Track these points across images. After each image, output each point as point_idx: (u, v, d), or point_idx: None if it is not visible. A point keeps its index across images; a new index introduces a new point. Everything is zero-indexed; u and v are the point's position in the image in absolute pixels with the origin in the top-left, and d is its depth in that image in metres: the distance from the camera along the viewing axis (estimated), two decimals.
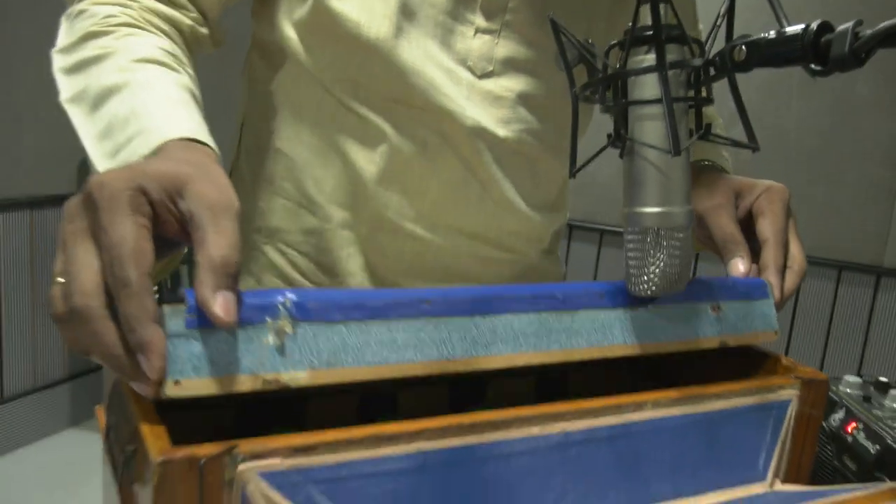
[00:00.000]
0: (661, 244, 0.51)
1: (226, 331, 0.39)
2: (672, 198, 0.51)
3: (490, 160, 0.75)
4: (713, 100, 0.51)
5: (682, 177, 0.51)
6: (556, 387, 0.66)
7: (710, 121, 0.84)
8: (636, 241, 0.52)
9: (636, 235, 0.52)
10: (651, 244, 0.51)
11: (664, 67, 0.48)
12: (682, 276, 0.52)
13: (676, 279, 0.52)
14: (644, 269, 0.51)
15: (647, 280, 0.52)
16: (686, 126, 0.51)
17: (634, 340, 0.52)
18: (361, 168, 0.74)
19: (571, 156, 0.54)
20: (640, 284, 0.52)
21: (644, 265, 0.51)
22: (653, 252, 0.51)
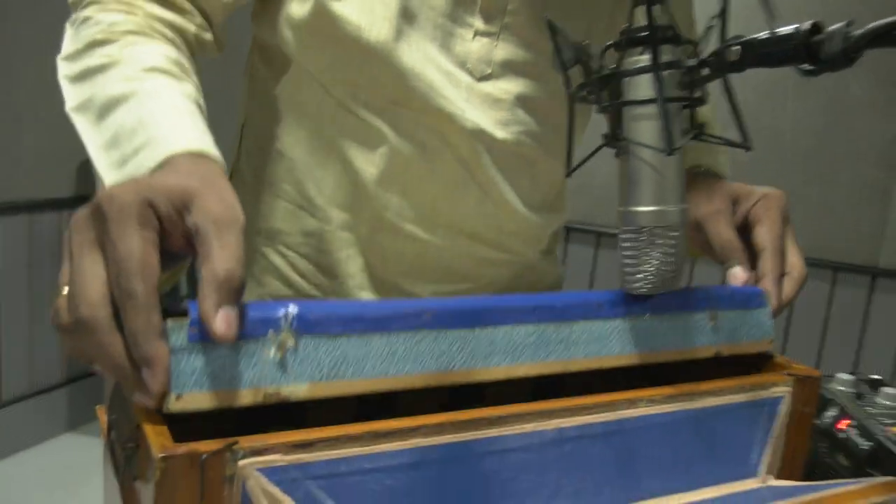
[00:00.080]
0: (656, 242, 0.51)
1: (228, 344, 0.39)
2: (666, 197, 0.51)
3: (489, 162, 0.75)
4: (707, 100, 0.52)
5: (677, 176, 0.52)
6: (553, 388, 0.67)
7: (707, 122, 0.84)
8: (631, 240, 0.52)
9: (631, 234, 0.52)
10: (646, 242, 0.52)
11: (658, 68, 0.49)
12: (677, 275, 0.53)
13: (671, 277, 0.52)
14: (639, 268, 0.52)
15: (642, 278, 0.52)
16: (680, 126, 0.52)
17: (631, 350, 0.52)
18: (361, 169, 0.74)
19: (567, 156, 0.55)
20: (635, 283, 0.53)
21: (639, 263, 0.52)
22: (647, 250, 0.52)
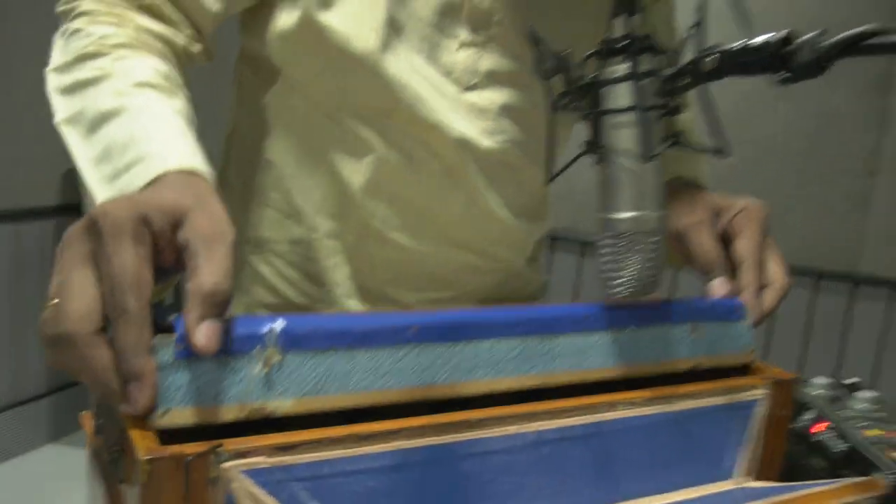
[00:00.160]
0: (636, 248, 0.52)
1: (214, 360, 0.39)
2: (645, 203, 0.52)
3: (475, 170, 0.76)
4: (685, 108, 0.53)
5: (655, 182, 0.53)
6: (535, 395, 0.67)
7: (686, 130, 0.85)
8: (611, 245, 0.53)
9: (611, 239, 0.53)
10: (626, 248, 0.53)
11: (637, 77, 0.50)
12: (656, 279, 0.53)
13: (650, 282, 0.53)
14: (619, 273, 0.53)
15: (623, 283, 0.53)
16: (658, 133, 0.53)
17: (613, 363, 0.53)
18: (348, 178, 0.75)
19: (547, 163, 0.56)
20: (616, 287, 0.53)
21: (619, 269, 0.53)
22: (628, 255, 0.53)
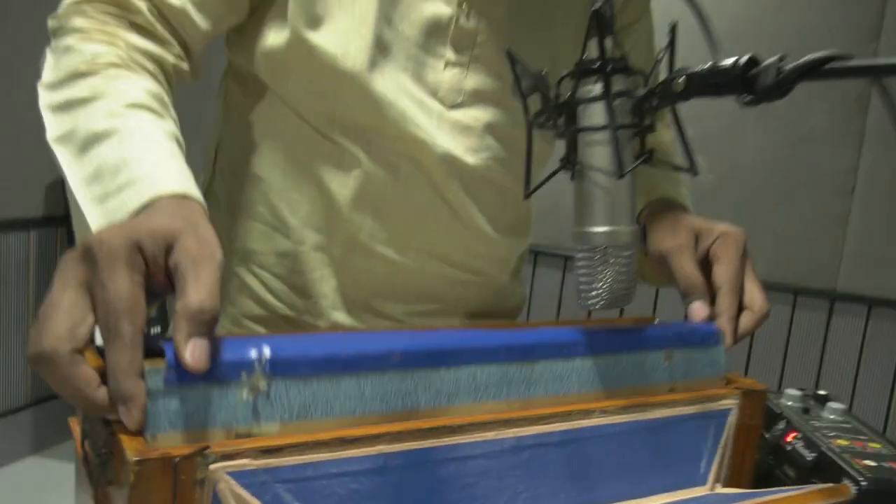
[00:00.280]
0: (609, 261, 0.55)
1: (202, 387, 0.41)
2: (618, 218, 0.54)
3: (459, 186, 0.78)
4: (655, 127, 0.55)
5: (628, 198, 0.55)
6: None
7: (664, 149, 0.88)
8: (586, 259, 0.55)
9: (586, 253, 0.55)
10: (600, 261, 0.55)
11: (610, 97, 0.52)
12: (629, 291, 0.56)
13: (624, 294, 0.55)
14: (593, 285, 0.55)
15: (596, 295, 0.55)
16: (631, 151, 0.55)
17: (590, 388, 0.55)
18: (335, 192, 0.76)
19: (525, 179, 0.58)
20: (590, 299, 0.55)
21: (593, 281, 0.55)
22: (601, 269, 0.55)
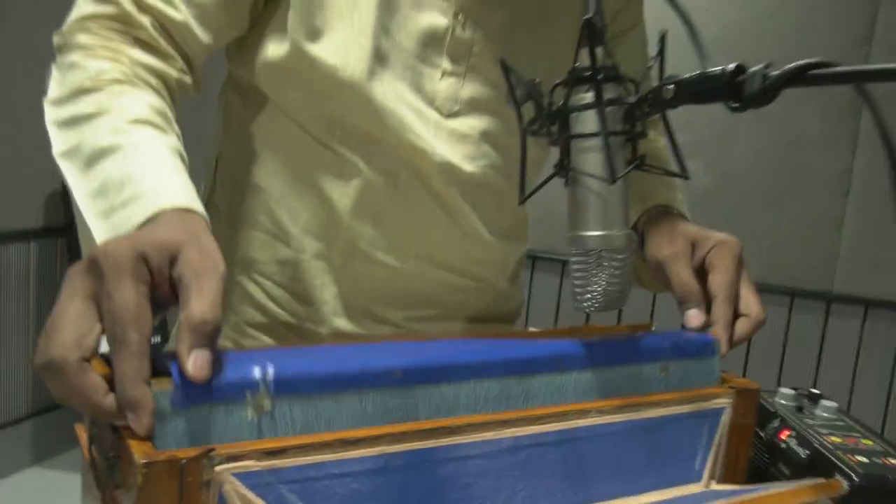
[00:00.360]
0: (603, 265, 0.56)
1: (207, 407, 0.42)
2: (611, 222, 0.56)
3: (457, 194, 0.79)
4: (648, 133, 0.57)
5: (621, 203, 0.56)
6: None
7: (658, 155, 0.89)
8: (580, 262, 0.57)
9: (580, 257, 0.57)
10: (594, 265, 0.56)
11: (601, 104, 0.54)
12: (623, 294, 0.57)
13: (618, 296, 0.57)
14: (587, 288, 0.56)
15: (591, 297, 0.56)
16: (623, 157, 0.56)
17: (587, 400, 0.55)
18: (335, 201, 0.78)
19: (520, 185, 0.59)
20: (585, 301, 0.57)
21: (587, 284, 0.56)
22: (595, 272, 0.56)
